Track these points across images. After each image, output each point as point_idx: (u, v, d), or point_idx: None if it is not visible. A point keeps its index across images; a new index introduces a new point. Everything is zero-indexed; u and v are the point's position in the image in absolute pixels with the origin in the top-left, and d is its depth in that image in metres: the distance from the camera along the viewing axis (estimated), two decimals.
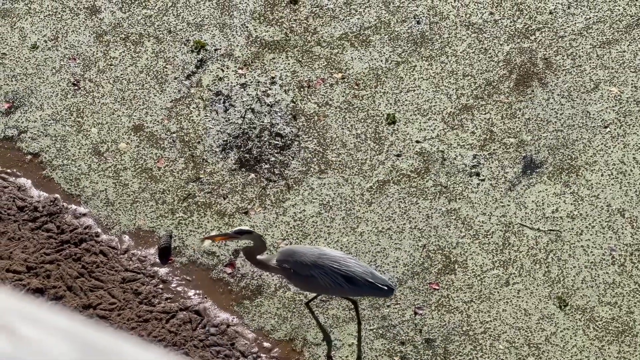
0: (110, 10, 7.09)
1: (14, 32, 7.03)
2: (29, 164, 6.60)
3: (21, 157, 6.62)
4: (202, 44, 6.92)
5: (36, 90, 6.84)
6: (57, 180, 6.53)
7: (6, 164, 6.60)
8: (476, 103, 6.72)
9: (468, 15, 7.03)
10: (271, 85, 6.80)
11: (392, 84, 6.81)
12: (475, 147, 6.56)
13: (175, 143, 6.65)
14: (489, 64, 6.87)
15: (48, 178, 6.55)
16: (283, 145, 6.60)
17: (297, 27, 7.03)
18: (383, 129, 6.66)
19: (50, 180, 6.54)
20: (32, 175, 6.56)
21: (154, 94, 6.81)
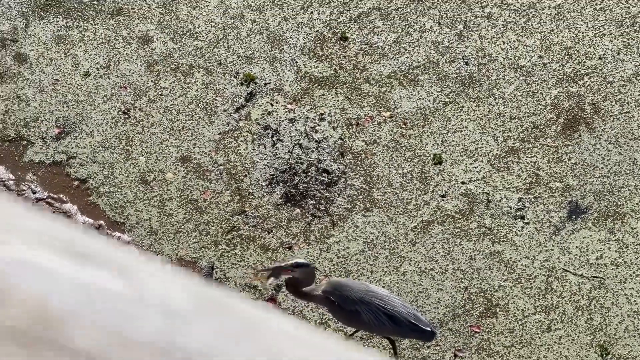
0: (162, 40, 7.17)
1: (67, 59, 7.12)
2: (76, 189, 6.67)
3: (69, 183, 6.69)
4: (251, 77, 6.98)
5: (87, 117, 6.92)
6: (102, 207, 6.59)
7: (53, 189, 6.67)
8: (522, 146, 6.73)
9: (517, 58, 7.05)
10: (320, 122, 6.84)
11: (439, 124, 6.83)
12: (521, 190, 6.56)
13: (222, 175, 6.70)
14: (537, 107, 6.88)
15: (94, 204, 6.61)
16: (329, 182, 6.63)
17: (347, 63, 7.07)
18: (429, 169, 6.68)
19: (95, 207, 6.60)
20: (79, 201, 6.62)
21: (202, 125, 6.87)
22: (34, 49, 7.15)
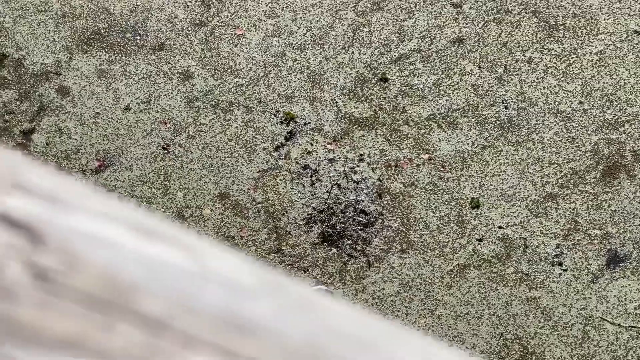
0: (203, 76, 7.21)
1: (108, 93, 7.18)
2: None
3: None
4: (292, 116, 7.01)
5: (126, 151, 6.96)
6: None
7: None
8: (561, 192, 6.71)
9: (557, 103, 7.04)
10: (359, 162, 6.85)
11: (477, 168, 6.83)
12: (559, 237, 6.54)
13: (260, 213, 6.71)
14: (576, 153, 6.86)
15: None
16: (367, 223, 6.63)
17: (386, 105, 7.09)
18: (466, 213, 6.67)
19: None
20: None
21: (241, 163, 6.90)
22: (76, 83, 7.21)
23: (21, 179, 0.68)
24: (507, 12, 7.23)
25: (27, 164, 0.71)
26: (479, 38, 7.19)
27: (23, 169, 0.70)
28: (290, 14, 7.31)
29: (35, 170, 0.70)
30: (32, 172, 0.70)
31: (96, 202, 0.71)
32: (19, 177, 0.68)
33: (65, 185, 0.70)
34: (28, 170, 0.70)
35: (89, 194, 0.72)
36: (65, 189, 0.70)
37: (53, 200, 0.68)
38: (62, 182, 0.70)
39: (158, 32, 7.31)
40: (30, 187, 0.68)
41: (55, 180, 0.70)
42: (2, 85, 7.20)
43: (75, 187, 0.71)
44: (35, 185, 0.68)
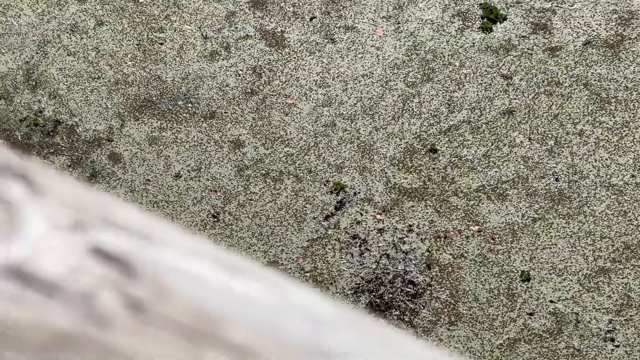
0: (254, 145, 7.27)
1: (159, 160, 7.25)
2: None
3: None
4: (341, 185, 7.02)
5: (176, 219, 7.00)
6: None
7: None
8: (614, 266, 6.63)
9: (608, 176, 6.99)
10: (408, 233, 6.83)
11: (528, 240, 6.77)
12: (612, 312, 6.45)
13: (308, 282, 6.70)
14: (628, 227, 6.79)
15: None
16: (415, 293, 6.59)
17: (436, 176, 7.08)
18: (517, 286, 6.60)
19: None
20: None
21: (291, 232, 6.90)
22: (128, 149, 7.29)
23: (112, 216, 0.69)
24: (558, 84, 7.23)
25: (116, 202, 0.72)
26: (529, 110, 7.19)
27: (113, 206, 0.70)
28: (341, 84, 7.37)
29: (124, 208, 0.71)
30: (122, 209, 0.71)
31: (183, 239, 0.72)
32: (109, 214, 0.69)
33: (154, 223, 0.71)
34: (118, 208, 0.71)
35: (176, 231, 0.73)
36: (154, 226, 0.71)
37: (143, 236, 0.68)
38: (150, 220, 0.71)
39: (209, 100, 7.39)
40: (121, 224, 0.69)
41: (144, 218, 0.71)
42: (55, 152, 7.29)
43: (163, 225, 0.72)
44: (125, 222, 0.69)
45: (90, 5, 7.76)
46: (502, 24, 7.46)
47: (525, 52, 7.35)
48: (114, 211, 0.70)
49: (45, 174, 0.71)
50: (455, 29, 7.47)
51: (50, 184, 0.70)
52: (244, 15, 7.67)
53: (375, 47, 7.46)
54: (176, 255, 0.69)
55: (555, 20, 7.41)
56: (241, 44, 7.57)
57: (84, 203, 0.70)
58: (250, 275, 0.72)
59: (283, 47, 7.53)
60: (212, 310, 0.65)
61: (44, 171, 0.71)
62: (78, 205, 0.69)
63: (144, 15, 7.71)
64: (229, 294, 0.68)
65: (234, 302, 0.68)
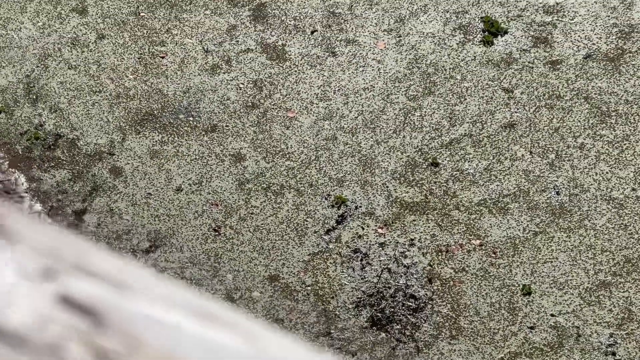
0: (255, 159, 7.26)
1: (160, 174, 7.25)
2: None
3: None
4: (343, 199, 7.02)
5: (177, 232, 7.00)
6: None
7: None
8: (614, 280, 6.61)
9: (609, 190, 6.98)
10: (409, 247, 6.82)
11: (529, 254, 6.76)
12: (613, 326, 6.43)
13: (309, 296, 6.69)
14: (629, 240, 6.78)
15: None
16: (416, 308, 6.58)
17: (437, 189, 7.07)
18: (518, 300, 6.59)
19: None
20: None
21: (292, 245, 6.90)
22: (129, 163, 7.29)
23: (84, 263, 0.68)
24: (559, 98, 7.22)
25: (89, 247, 0.71)
26: (530, 123, 7.18)
27: (86, 252, 0.70)
28: (342, 98, 7.37)
29: (98, 253, 0.71)
30: (95, 254, 0.70)
31: (157, 286, 0.72)
32: (81, 261, 0.68)
33: (127, 268, 0.71)
34: (91, 254, 0.70)
35: (150, 277, 0.72)
36: (128, 273, 0.70)
37: (115, 284, 0.68)
38: (124, 265, 0.71)
39: (211, 113, 7.39)
40: (93, 270, 0.68)
41: (118, 264, 0.70)
42: (55, 166, 7.30)
43: (138, 271, 0.71)
44: (97, 268, 0.68)
45: (91, 19, 7.76)
46: (503, 38, 7.46)
47: (526, 66, 7.34)
48: (87, 257, 0.70)
49: (18, 220, 0.71)
50: (456, 43, 7.47)
51: (23, 230, 0.69)
52: (245, 29, 7.67)
53: (377, 61, 7.46)
54: (149, 304, 0.68)
55: (556, 34, 7.41)
56: (242, 57, 7.58)
57: (58, 250, 0.69)
58: (225, 323, 0.71)
59: (284, 61, 7.54)
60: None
61: (18, 217, 0.70)
62: (51, 253, 0.68)
63: (145, 28, 7.72)
64: (204, 344, 0.68)
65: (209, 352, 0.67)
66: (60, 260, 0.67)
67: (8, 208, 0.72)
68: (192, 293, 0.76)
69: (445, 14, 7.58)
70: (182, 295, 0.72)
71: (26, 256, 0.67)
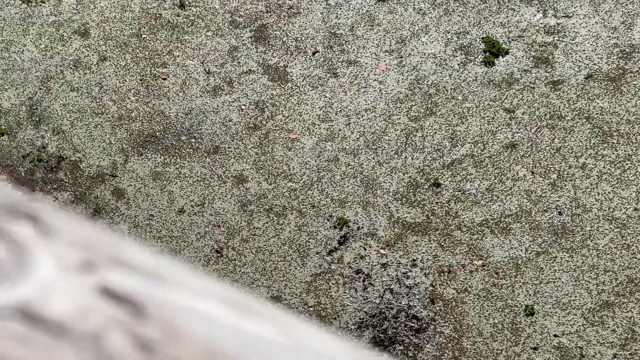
0: (257, 180, 7.27)
1: (163, 195, 7.25)
2: None
3: None
4: (345, 220, 7.02)
5: (180, 254, 6.99)
6: None
7: None
8: (618, 300, 6.61)
9: (611, 210, 6.99)
10: (412, 268, 6.82)
11: (531, 275, 6.76)
12: (616, 346, 6.42)
13: (312, 317, 6.68)
14: (632, 260, 6.78)
15: None
16: (419, 328, 6.57)
17: (439, 210, 7.08)
18: (521, 320, 6.58)
19: None
20: None
21: (294, 267, 6.90)
22: (131, 185, 7.30)
23: (121, 255, 0.69)
24: (560, 118, 7.24)
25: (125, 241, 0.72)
26: (532, 143, 7.20)
27: (122, 245, 0.71)
28: (344, 119, 7.38)
29: (134, 248, 0.71)
30: (131, 249, 0.71)
31: (193, 279, 0.72)
32: (118, 254, 0.69)
33: (163, 263, 0.71)
34: (127, 247, 0.71)
35: (185, 272, 0.73)
36: (164, 266, 0.71)
37: (152, 276, 0.68)
38: (159, 260, 0.71)
39: (213, 135, 7.41)
40: (131, 263, 0.69)
41: (153, 257, 0.71)
42: (58, 188, 7.30)
43: (172, 266, 0.72)
44: (134, 261, 0.69)
45: (93, 41, 7.79)
46: (505, 58, 7.49)
47: (528, 86, 7.37)
48: (124, 250, 0.70)
49: (54, 213, 0.71)
50: (457, 63, 7.50)
51: (59, 223, 0.70)
52: (247, 50, 7.70)
53: (378, 82, 7.48)
54: (186, 295, 0.69)
55: (557, 54, 7.43)
56: (244, 78, 7.60)
57: (93, 242, 0.70)
58: (260, 314, 0.72)
59: (286, 82, 7.56)
60: (223, 351, 0.65)
61: (53, 211, 0.71)
62: (87, 245, 0.69)
63: (146, 50, 7.74)
64: (240, 334, 0.68)
65: (245, 342, 0.68)
66: (98, 253, 0.68)
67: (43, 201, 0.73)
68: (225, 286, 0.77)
69: (447, 34, 7.61)
70: (217, 287, 0.73)
71: (64, 249, 0.67)
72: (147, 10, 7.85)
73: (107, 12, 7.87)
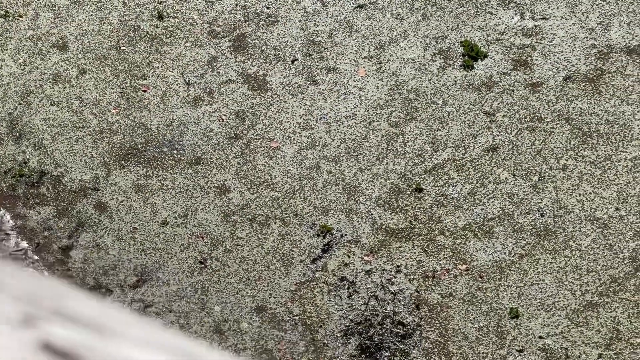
0: (239, 190, 7.27)
1: (146, 207, 7.24)
2: None
3: None
4: (328, 228, 7.02)
5: (164, 266, 6.99)
6: None
7: None
8: (601, 300, 6.63)
9: (593, 210, 7.01)
10: (396, 274, 6.83)
11: (515, 277, 6.78)
12: (601, 346, 6.44)
13: (297, 326, 6.68)
14: (614, 260, 6.80)
15: None
16: (404, 334, 6.58)
17: (422, 215, 7.09)
18: (506, 323, 6.60)
19: None
20: None
21: (279, 276, 6.90)
22: (114, 198, 7.29)
23: (64, 307, 0.69)
24: (540, 120, 7.26)
25: (69, 291, 0.72)
26: (512, 146, 7.22)
27: (66, 297, 0.70)
28: (324, 126, 7.39)
29: (78, 297, 0.71)
30: (75, 300, 0.70)
31: (139, 329, 0.72)
32: (61, 306, 0.69)
33: (109, 312, 0.71)
34: (71, 299, 0.70)
35: (131, 321, 0.73)
36: (108, 316, 0.70)
37: (97, 329, 0.68)
38: (105, 309, 0.71)
39: (194, 146, 7.40)
40: (74, 315, 0.68)
41: (98, 307, 0.71)
42: (40, 202, 7.29)
43: (119, 314, 0.72)
44: (78, 313, 0.69)
45: (72, 54, 7.78)
46: (483, 62, 7.50)
47: (507, 89, 7.39)
48: (68, 303, 0.70)
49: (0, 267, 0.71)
50: (437, 68, 7.52)
51: (2, 277, 0.70)
52: (226, 60, 7.70)
53: (358, 88, 7.49)
54: (130, 347, 0.68)
55: (536, 56, 7.46)
56: (224, 88, 7.60)
57: (38, 296, 0.70)
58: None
59: (265, 91, 7.56)
60: None
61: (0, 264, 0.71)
62: (31, 299, 0.69)
63: (126, 62, 7.73)
64: None
65: None
66: (41, 306, 0.68)
67: None
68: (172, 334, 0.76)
69: (425, 39, 7.63)
70: (163, 336, 0.72)
71: (6, 303, 0.67)
72: (125, 22, 7.85)
73: (85, 25, 7.86)
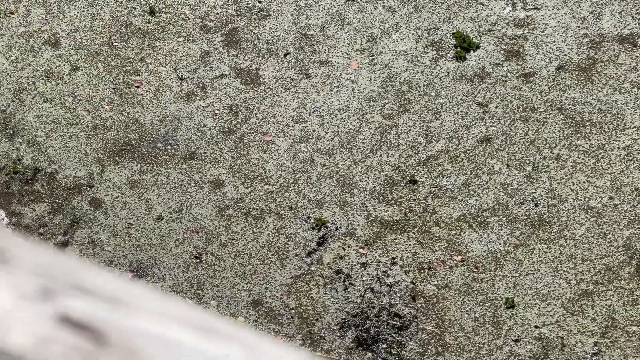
0: (234, 184, 7.27)
1: (140, 203, 7.24)
2: None
3: None
4: (323, 221, 7.03)
5: (159, 261, 6.99)
6: None
7: None
8: (596, 289, 6.65)
9: (587, 199, 7.03)
10: (392, 266, 6.84)
11: (510, 267, 6.79)
12: (597, 334, 6.46)
13: (294, 319, 6.69)
14: (609, 249, 6.82)
15: None
16: (401, 326, 6.59)
17: (416, 207, 7.10)
18: (501, 313, 6.61)
19: None
20: None
21: (274, 269, 6.90)
22: (108, 194, 7.29)
23: (81, 282, 0.69)
24: (533, 110, 7.28)
25: (86, 267, 0.72)
26: (506, 137, 7.23)
27: (82, 271, 0.71)
28: (318, 119, 7.39)
29: (94, 273, 0.72)
30: (92, 274, 0.71)
31: (155, 302, 0.72)
32: (78, 280, 0.69)
33: (125, 286, 0.71)
34: (87, 273, 0.71)
35: (147, 294, 0.73)
36: (125, 290, 0.71)
37: (114, 302, 0.69)
38: (121, 283, 0.72)
39: (188, 141, 7.40)
40: (91, 289, 0.69)
41: (115, 282, 0.71)
42: (35, 199, 7.28)
43: (134, 289, 0.72)
44: (95, 287, 0.69)
45: (64, 51, 7.77)
46: (476, 52, 7.51)
47: (500, 79, 7.40)
48: (84, 276, 0.71)
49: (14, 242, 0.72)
50: (429, 59, 7.52)
51: (18, 252, 0.70)
52: (219, 55, 7.69)
53: (351, 81, 7.49)
54: (148, 320, 0.69)
55: (528, 47, 7.47)
56: (217, 83, 7.59)
57: (53, 270, 0.70)
58: (226, 337, 0.72)
59: (258, 85, 7.56)
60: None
61: (13, 239, 0.71)
62: (47, 273, 0.69)
63: (118, 58, 7.73)
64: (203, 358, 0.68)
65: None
66: (58, 280, 0.68)
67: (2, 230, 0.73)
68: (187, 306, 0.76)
69: (417, 31, 7.63)
70: (181, 309, 0.73)
71: (23, 278, 0.67)
72: (117, 18, 7.84)
73: (77, 21, 7.85)
